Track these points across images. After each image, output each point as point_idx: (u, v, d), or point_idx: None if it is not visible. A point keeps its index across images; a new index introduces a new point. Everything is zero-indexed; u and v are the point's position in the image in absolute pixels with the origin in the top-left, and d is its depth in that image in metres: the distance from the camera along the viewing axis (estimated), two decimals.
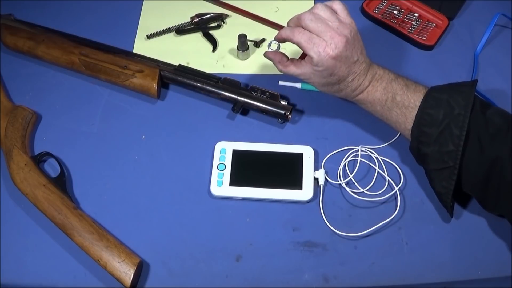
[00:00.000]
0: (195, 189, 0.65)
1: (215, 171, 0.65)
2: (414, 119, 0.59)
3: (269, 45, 0.65)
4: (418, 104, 0.59)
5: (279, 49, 0.65)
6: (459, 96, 0.57)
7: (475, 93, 0.58)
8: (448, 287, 0.58)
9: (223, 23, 0.82)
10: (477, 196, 0.59)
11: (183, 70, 0.72)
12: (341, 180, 0.65)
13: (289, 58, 0.64)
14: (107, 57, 0.72)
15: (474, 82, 0.59)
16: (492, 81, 0.73)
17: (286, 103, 0.69)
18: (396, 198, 0.63)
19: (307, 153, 0.66)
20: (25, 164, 0.64)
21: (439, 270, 0.59)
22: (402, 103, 0.60)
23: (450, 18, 0.80)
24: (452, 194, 0.58)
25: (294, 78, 0.74)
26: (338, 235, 0.61)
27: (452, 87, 0.59)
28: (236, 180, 0.64)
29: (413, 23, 0.80)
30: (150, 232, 0.62)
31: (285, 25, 0.72)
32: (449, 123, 0.56)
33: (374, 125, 0.70)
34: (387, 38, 0.79)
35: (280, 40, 0.62)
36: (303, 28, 0.58)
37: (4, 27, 0.76)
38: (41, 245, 0.61)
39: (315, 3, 0.82)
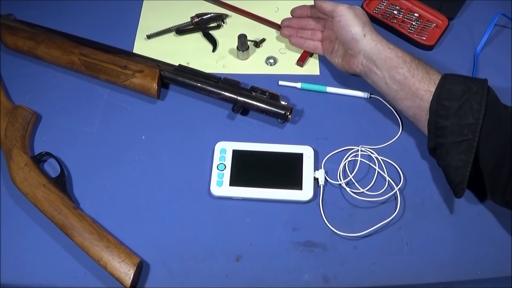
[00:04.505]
0: (195, 189, 0.65)
1: (215, 171, 0.65)
2: (437, 82, 0.60)
3: None
4: (437, 80, 0.61)
5: None
6: (474, 80, 0.61)
7: None
8: (448, 287, 0.58)
9: (223, 23, 0.82)
10: (489, 177, 0.58)
11: (183, 70, 0.72)
12: (341, 180, 0.65)
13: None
14: (107, 57, 0.72)
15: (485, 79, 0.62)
16: (492, 81, 0.72)
17: (286, 103, 0.69)
18: (396, 198, 0.63)
19: (307, 153, 0.66)
20: (25, 164, 0.63)
21: (439, 270, 0.59)
22: (425, 66, 0.63)
23: (450, 18, 0.80)
24: (469, 168, 0.57)
25: (294, 78, 0.74)
26: (338, 235, 0.61)
27: (465, 76, 0.62)
28: (236, 180, 0.64)
29: (413, 23, 0.80)
30: (150, 232, 0.62)
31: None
32: (469, 98, 0.58)
33: (374, 125, 0.70)
34: (387, 38, 0.79)
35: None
36: None
37: (4, 27, 0.76)
38: (41, 245, 0.61)
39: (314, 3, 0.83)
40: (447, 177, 0.61)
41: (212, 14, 0.81)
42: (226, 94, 0.70)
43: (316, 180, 0.64)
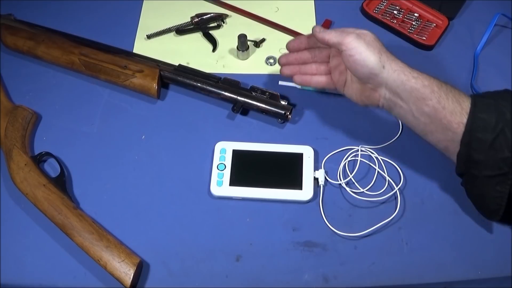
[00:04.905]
0: (195, 189, 0.65)
1: (215, 171, 0.65)
2: (468, 112, 0.54)
3: None
4: (466, 107, 0.55)
5: None
6: (503, 100, 0.55)
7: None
8: (448, 287, 0.58)
9: (223, 23, 0.82)
10: None
11: (183, 70, 0.72)
12: (341, 180, 0.65)
13: None
14: (107, 57, 0.72)
15: (507, 90, 0.57)
16: (492, 81, 0.73)
17: (286, 103, 0.69)
18: (396, 198, 0.63)
19: (307, 153, 0.66)
20: (25, 164, 0.63)
21: (439, 270, 0.59)
22: (454, 93, 0.56)
23: (450, 18, 0.80)
24: (506, 198, 0.55)
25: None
26: (338, 235, 0.61)
27: (490, 93, 0.57)
28: (236, 180, 0.64)
29: (413, 23, 0.80)
30: (150, 232, 0.62)
31: (285, 25, 0.72)
32: (503, 129, 0.53)
33: (374, 125, 0.70)
34: (387, 38, 0.79)
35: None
36: None
37: (4, 27, 0.76)
38: (41, 245, 0.61)
39: (315, 4, 0.83)
40: (479, 204, 0.59)
41: (212, 14, 0.81)
42: (226, 94, 0.70)
43: (316, 180, 0.64)
